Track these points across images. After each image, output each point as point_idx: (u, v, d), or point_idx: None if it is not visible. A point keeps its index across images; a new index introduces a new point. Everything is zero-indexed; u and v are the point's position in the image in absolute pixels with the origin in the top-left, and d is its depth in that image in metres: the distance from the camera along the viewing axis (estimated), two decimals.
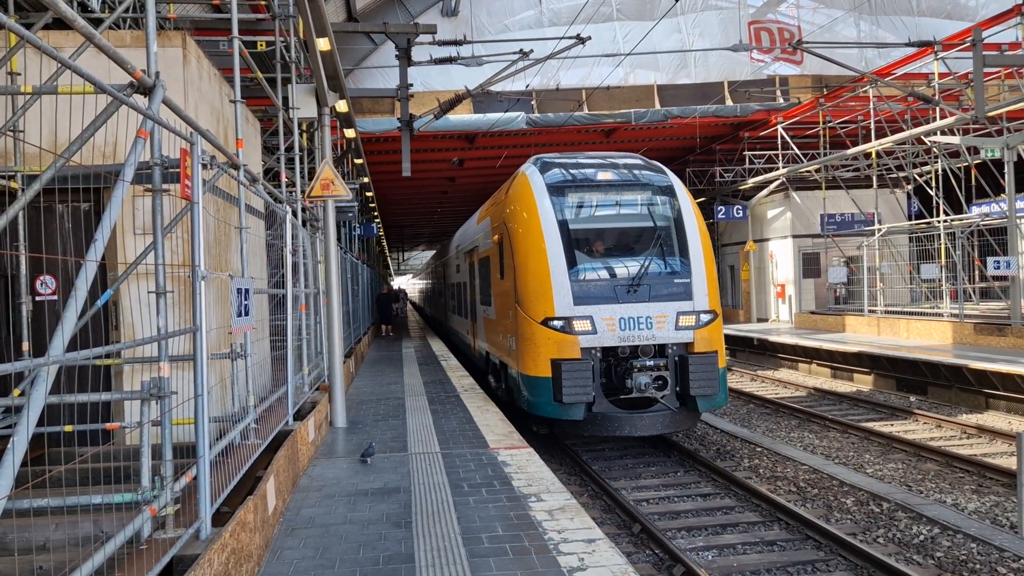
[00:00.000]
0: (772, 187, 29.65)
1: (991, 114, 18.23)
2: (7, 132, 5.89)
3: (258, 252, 8.70)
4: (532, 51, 16.82)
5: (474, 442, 9.03)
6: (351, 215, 19.36)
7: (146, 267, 4.75)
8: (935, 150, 23.11)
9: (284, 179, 10.17)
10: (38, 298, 6.60)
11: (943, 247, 21.56)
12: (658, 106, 26.24)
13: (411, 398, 12.64)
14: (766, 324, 30.37)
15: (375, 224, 31.13)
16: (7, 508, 2.75)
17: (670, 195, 12.11)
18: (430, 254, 59.18)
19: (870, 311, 23.87)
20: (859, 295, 24.99)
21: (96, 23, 7.38)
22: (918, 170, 26.41)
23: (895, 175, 26.98)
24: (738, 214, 30.54)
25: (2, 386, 6.24)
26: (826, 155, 26.12)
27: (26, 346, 6.16)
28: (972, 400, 15.34)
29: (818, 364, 21.30)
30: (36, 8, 8.12)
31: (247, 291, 5.90)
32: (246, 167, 6.71)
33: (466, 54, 17.08)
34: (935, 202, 23.25)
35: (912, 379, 17.19)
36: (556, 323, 10.75)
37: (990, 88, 23.22)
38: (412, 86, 17.01)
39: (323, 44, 9.69)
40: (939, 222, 21.80)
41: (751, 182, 29.59)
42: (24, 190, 4.78)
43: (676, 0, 16.87)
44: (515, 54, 16.79)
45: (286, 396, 7.94)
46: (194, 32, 10.67)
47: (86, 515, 4.54)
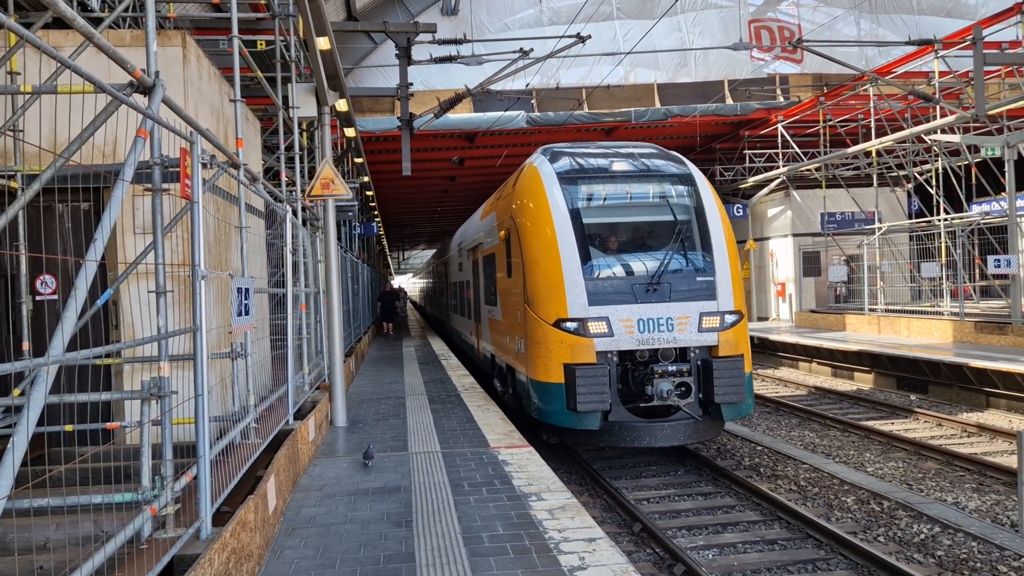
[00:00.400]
0: (772, 186, 29.64)
1: (991, 112, 18.23)
2: (7, 132, 5.88)
3: (258, 251, 8.69)
4: (532, 50, 16.81)
5: (474, 441, 9.02)
6: (351, 214, 19.37)
7: (146, 266, 4.75)
8: (935, 148, 23.11)
9: (284, 178, 10.16)
10: (38, 298, 6.59)
11: (943, 246, 21.55)
12: (658, 105, 26.22)
13: (411, 397, 12.64)
14: (766, 323, 30.38)
15: (375, 223, 31.13)
16: (7, 508, 2.75)
17: (690, 186, 11.25)
18: (430, 253, 59.15)
19: (870, 310, 23.87)
20: (859, 294, 24.99)
21: (96, 22, 7.38)
22: (918, 169, 26.40)
23: (895, 174, 26.97)
24: (738, 213, 30.53)
25: (2, 386, 6.23)
26: (826, 154, 26.11)
27: (26, 346, 6.16)
28: (973, 399, 15.34)
29: (818, 363, 21.29)
30: (36, 7, 8.12)
31: (247, 290, 5.89)
32: (246, 166, 6.71)
33: (466, 53, 17.07)
34: (935, 201, 23.24)
35: (913, 378, 17.19)
36: (569, 325, 9.98)
37: (990, 86, 23.20)
38: (412, 85, 17.00)
39: (323, 43, 9.69)
40: (939, 220, 21.78)
41: (751, 181, 29.59)
42: (24, 190, 4.77)
43: None
44: (515, 53, 16.78)
45: (286, 395, 7.94)
46: (194, 31, 10.67)
47: (86, 515, 4.54)
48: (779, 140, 27.33)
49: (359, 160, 19.28)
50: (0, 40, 6.37)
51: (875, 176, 25.88)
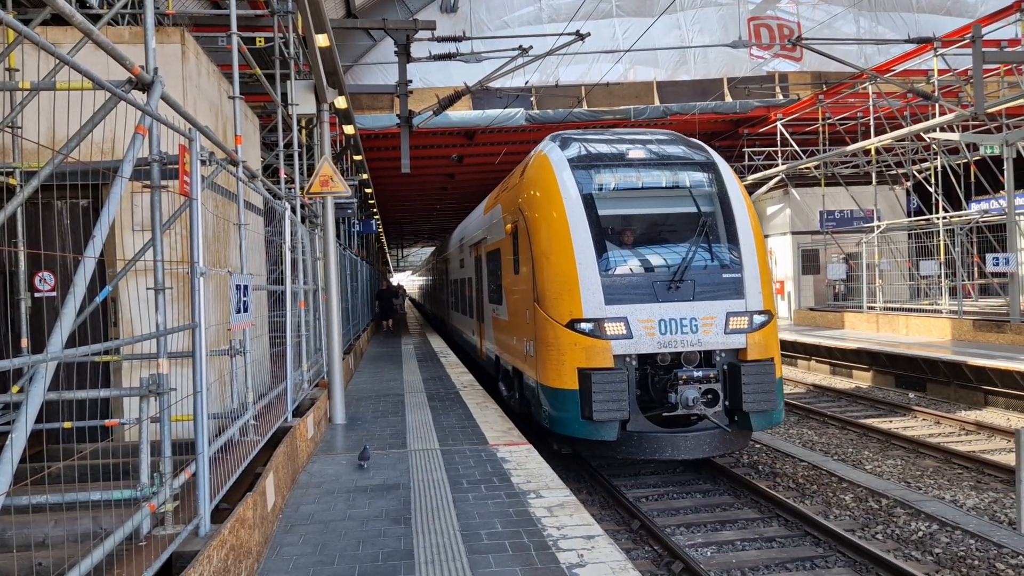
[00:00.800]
0: (771, 184, 29.65)
1: (990, 111, 18.25)
2: (5, 128, 5.88)
3: (257, 248, 8.69)
4: (531, 47, 16.82)
5: (473, 439, 9.03)
6: (350, 211, 19.33)
7: (145, 263, 4.75)
8: (934, 147, 23.12)
9: (283, 175, 10.16)
10: (37, 295, 6.59)
11: (942, 244, 21.56)
12: (657, 103, 26.22)
13: (410, 395, 12.64)
14: None
15: (374, 221, 31.12)
16: (6, 504, 2.75)
17: (714, 175, 10.44)
18: (429, 251, 59.14)
19: (869, 308, 23.88)
20: (858, 292, 25.01)
21: (94, 19, 7.36)
22: (917, 167, 26.42)
23: (894, 172, 26.99)
24: None
25: (1, 382, 6.23)
26: (825, 152, 26.12)
27: (25, 342, 6.16)
28: (971, 396, 15.36)
29: (817, 360, 21.31)
30: (34, 4, 8.12)
31: (246, 287, 5.89)
32: (245, 163, 6.70)
33: (465, 50, 17.07)
34: (934, 199, 23.27)
35: (911, 375, 17.20)
36: (584, 326, 9.21)
37: (989, 85, 23.23)
38: (411, 82, 17.00)
39: (322, 40, 9.68)
40: (938, 219, 21.79)
41: (750, 179, 29.59)
42: (22, 186, 4.77)
43: None
44: (514, 50, 16.79)
45: (285, 393, 7.95)
46: (193, 28, 10.67)
47: (85, 511, 4.54)
48: (778, 138, 27.34)
49: (358, 157, 19.27)
50: None
51: (874, 174, 25.89)
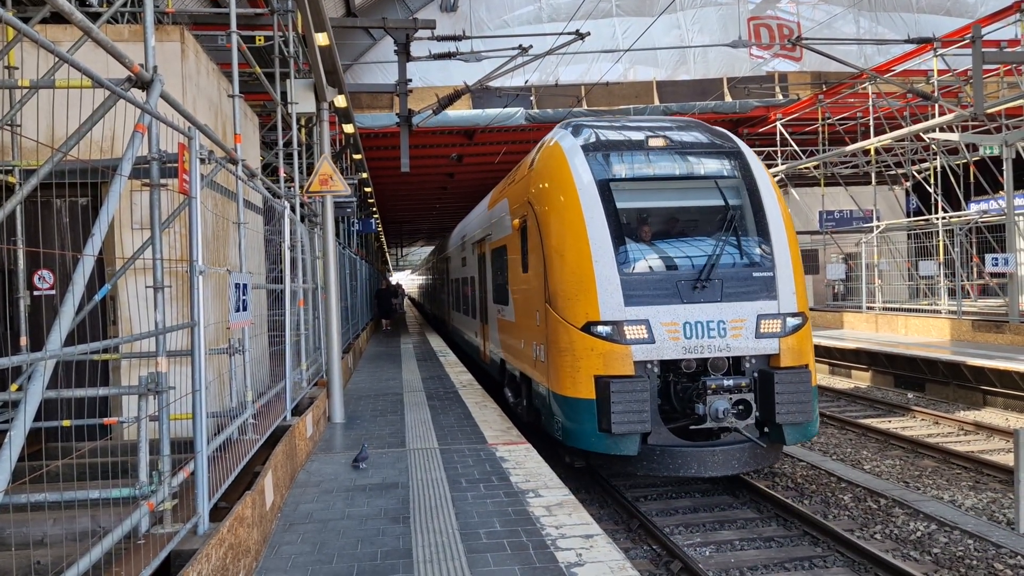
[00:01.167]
0: None
1: (990, 111, 18.25)
2: (4, 126, 5.87)
3: (256, 247, 8.69)
4: (531, 47, 16.82)
5: (472, 438, 9.03)
6: (350, 210, 19.33)
7: (144, 262, 4.75)
8: (934, 147, 23.13)
9: (282, 174, 10.16)
10: (36, 293, 6.60)
11: (941, 244, 21.57)
12: (657, 102, 26.22)
13: (409, 394, 12.64)
14: None
15: (374, 220, 31.12)
16: (4, 503, 2.75)
17: (741, 165, 9.68)
18: (428, 250, 59.14)
19: (868, 308, 23.89)
20: (857, 292, 25.03)
21: (94, 17, 7.35)
22: (917, 167, 26.43)
23: (894, 172, 27.00)
24: None
25: (1, 380, 6.23)
26: (825, 152, 26.13)
27: (24, 340, 6.16)
28: (970, 397, 15.37)
29: (816, 360, 21.29)
30: (34, 2, 8.11)
31: (245, 286, 5.89)
32: (244, 162, 6.70)
33: (465, 50, 17.07)
34: (933, 199, 23.28)
35: (910, 376, 17.21)
36: (602, 329, 8.48)
37: (989, 85, 23.22)
38: (411, 81, 16.99)
39: (322, 39, 9.67)
40: (938, 219, 21.81)
41: None
42: (22, 184, 4.77)
43: None
44: (514, 50, 16.78)
45: (284, 391, 7.95)
46: (192, 27, 10.66)
47: (83, 510, 4.54)
48: (778, 138, 27.34)
49: (358, 156, 19.27)
50: None
51: (873, 174, 25.90)
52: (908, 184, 27.53)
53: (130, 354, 6.21)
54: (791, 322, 8.82)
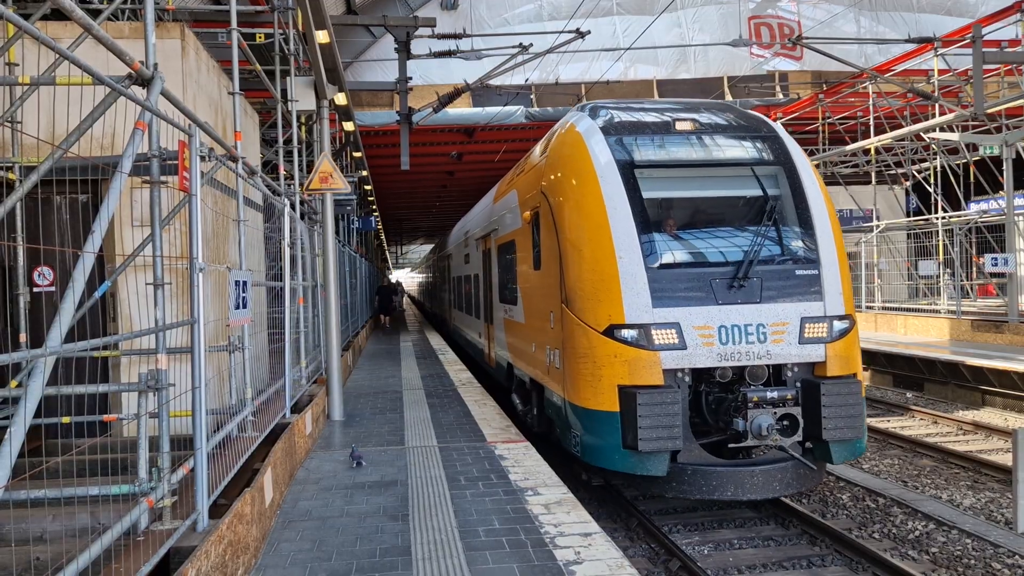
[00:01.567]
0: None
1: (990, 111, 18.25)
2: (5, 123, 5.88)
3: (256, 245, 8.70)
4: (531, 45, 16.82)
5: (471, 436, 9.04)
6: (349, 208, 19.36)
7: (144, 259, 4.75)
8: (934, 147, 23.13)
9: (282, 172, 10.16)
10: (35, 289, 6.60)
11: (941, 244, 21.58)
12: None
13: (409, 392, 12.65)
14: None
15: (374, 218, 31.12)
16: (4, 499, 2.76)
17: (780, 150, 8.86)
18: (428, 248, 59.15)
19: (867, 307, 23.90)
20: (857, 291, 25.03)
21: (94, 14, 7.35)
22: (917, 167, 26.43)
23: (894, 171, 27.00)
24: None
25: (0, 377, 6.24)
26: (825, 151, 26.12)
27: (23, 337, 6.16)
28: (968, 396, 15.38)
29: None
30: None
31: (245, 283, 5.90)
32: (244, 160, 6.70)
33: (465, 48, 17.06)
34: (933, 199, 23.28)
35: (909, 375, 17.22)
36: (627, 333, 7.63)
37: (989, 85, 23.23)
38: (411, 79, 16.99)
39: (322, 37, 9.67)
40: (937, 219, 21.81)
41: None
42: (22, 181, 4.77)
43: None
44: (514, 48, 16.78)
45: (283, 389, 7.96)
46: (192, 24, 10.65)
47: (83, 506, 4.55)
48: None
49: (358, 154, 19.27)
50: None
51: (873, 174, 25.90)
52: (908, 184, 27.53)
53: (130, 351, 6.22)
54: (838, 326, 7.95)
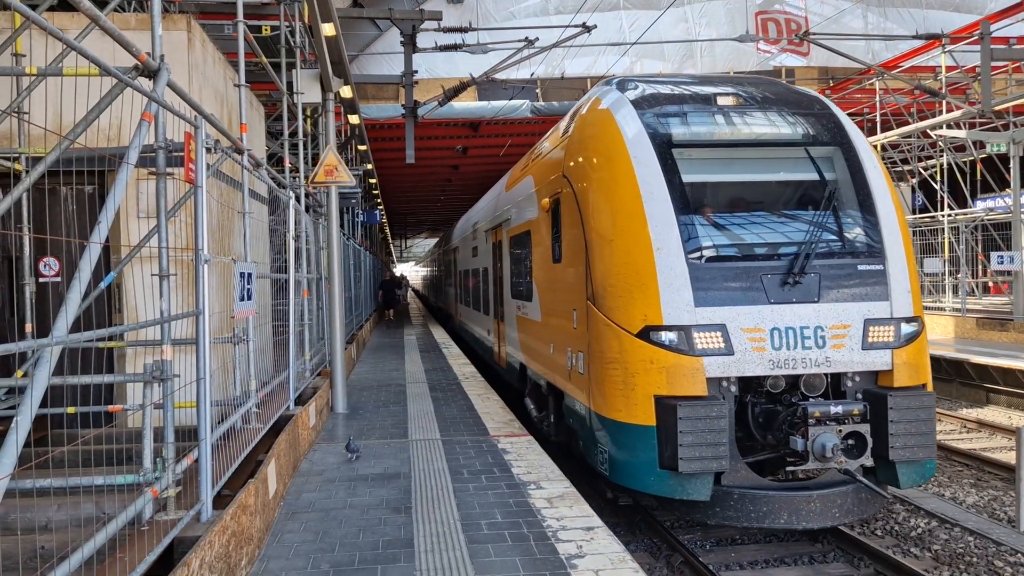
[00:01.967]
0: None
1: (998, 108, 18.17)
2: (12, 113, 5.89)
3: (261, 237, 8.71)
4: (537, 39, 16.77)
5: (474, 429, 9.05)
6: (354, 201, 19.36)
7: (149, 250, 4.77)
8: (941, 144, 23.05)
9: (288, 164, 10.18)
10: (41, 280, 6.62)
11: (947, 241, 21.52)
12: None
13: (412, 385, 12.67)
14: None
15: (378, 211, 31.13)
16: (10, 488, 2.77)
17: (836, 129, 7.90)
18: (433, 242, 59.17)
19: None
20: None
21: (101, 5, 7.35)
22: (923, 163, 26.33)
23: (900, 168, 26.90)
24: None
25: (5, 367, 6.26)
26: None
27: (29, 327, 6.19)
28: (973, 395, 15.35)
29: None
30: None
31: (250, 275, 5.91)
32: (250, 152, 6.71)
33: (471, 41, 17.02)
34: (940, 196, 23.20)
35: None
36: (665, 336, 6.71)
37: (997, 82, 23.11)
38: (417, 73, 16.97)
39: (328, 29, 9.67)
40: (943, 216, 21.74)
41: None
42: (28, 172, 4.78)
43: None
44: (520, 42, 16.74)
45: (288, 381, 7.98)
46: (199, 16, 10.66)
47: (88, 496, 4.57)
48: None
49: (363, 147, 19.26)
50: (6, 21, 6.38)
51: None
52: (914, 181, 27.44)
53: (135, 342, 6.24)
54: (906, 329, 7.03)
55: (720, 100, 7.97)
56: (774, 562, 7.31)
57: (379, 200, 32.56)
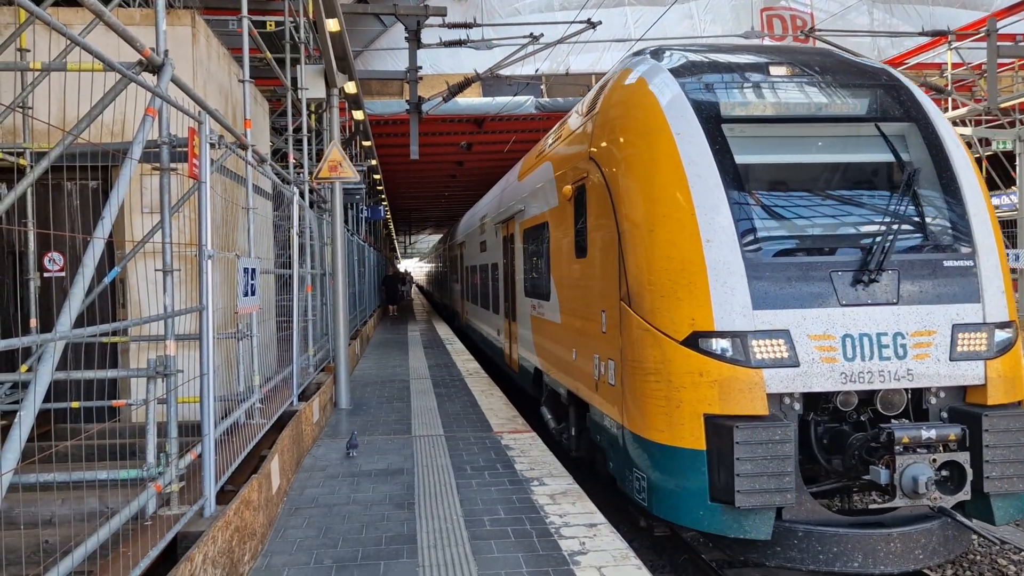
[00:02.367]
0: None
1: (1004, 105, 18.11)
2: (16, 108, 5.90)
3: (265, 232, 8.72)
4: (542, 35, 16.74)
5: (478, 425, 9.06)
6: (359, 197, 19.38)
7: (153, 245, 4.78)
8: None
9: (292, 160, 10.18)
10: (46, 275, 6.64)
11: None
12: None
13: (416, 381, 12.68)
14: None
15: (383, 207, 31.14)
16: (14, 482, 2.78)
17: (911, 104, 6.80)
18: (437, 238, 59.19)
19: None
20: None
21: (106, 1, 7.37)
22: None
23: None
24: None
25: (10, 361, 6.28)
26: None
27: (33, 322, 6.20)
28: None
29: None
30: None
31: (253, 271, 5.92)
32: (254, 147, 6.72)
33: (476, 37, 17.01)
34: None
35: None
36: (717, 344, 5.69)
37: (1003, 79, 23.02)
38: (421, 69, 16.95)
39: (332, 25, 9.66)
40: None
41: None
42: (33, 167, 4.79)
43: None
44: (525, 38, 16.71)
45: (291, 377, 7.99)
46: (203, 11, 10.66)
47: (91, 491, 4.59)
48: None
49: (367, 143, 19.28)
50: (10, 17, 6.38)
51: None
52: None
53: (139, 337, 6.25)
54: (1000, 336, 5.99)
55: (773, 70, 6.90)
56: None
57: (383, 196, 32.57)
